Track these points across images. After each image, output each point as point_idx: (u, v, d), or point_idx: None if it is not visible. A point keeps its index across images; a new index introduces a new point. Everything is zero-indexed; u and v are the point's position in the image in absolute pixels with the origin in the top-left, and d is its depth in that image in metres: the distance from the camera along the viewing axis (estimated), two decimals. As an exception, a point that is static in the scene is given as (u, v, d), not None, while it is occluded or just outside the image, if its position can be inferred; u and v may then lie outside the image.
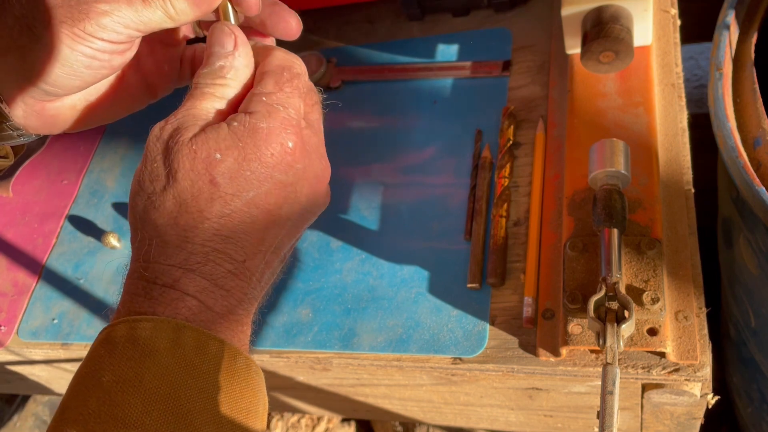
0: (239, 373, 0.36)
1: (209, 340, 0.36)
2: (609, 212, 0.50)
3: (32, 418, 1.19)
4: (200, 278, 0.36)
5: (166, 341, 0.35)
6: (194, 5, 0.38)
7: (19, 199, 0.83)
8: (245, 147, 0.36)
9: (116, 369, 0.34)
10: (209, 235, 0.36)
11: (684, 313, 0.50)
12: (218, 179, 0.36)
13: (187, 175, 0.36)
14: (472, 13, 0.78)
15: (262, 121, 0.37)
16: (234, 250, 0.37)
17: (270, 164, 0.37)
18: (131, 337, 0.35)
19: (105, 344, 0.36)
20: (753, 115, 0.58)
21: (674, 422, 0.59)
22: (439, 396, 0.66)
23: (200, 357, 0.35)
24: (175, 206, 0.36)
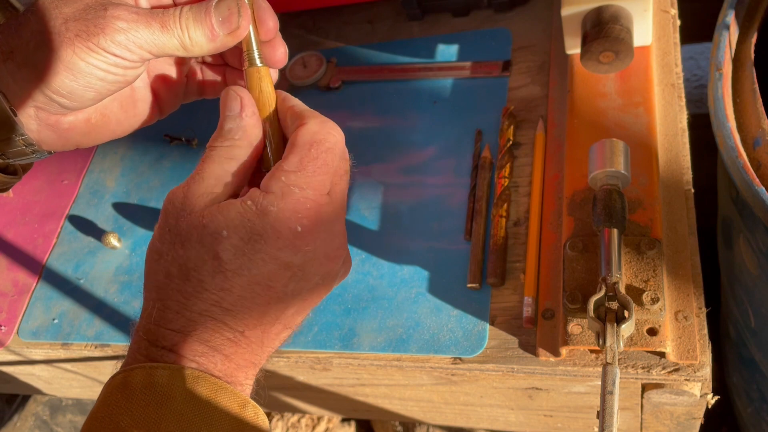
0: (247, 421, 0.37)
1: (220, 388, 0.36)
2: (609, 212, 0.50)
3: (32, 418, 1.19)
4: (198, 343, 0.37)
5: (182, 388, 0.36)
6: (210, 40, 0.39)
7: (20, 199, 0.83)
8: (253, 227, 0.37)
9: (134, 414, 0.35)
10: (208, 305, 0.37)
11: (684, 313, 0.50)
12: (222, 255, 0.37)
13: (193, 246, 0.37)
14: (472, 14, 0.78)
15: (273, 204, 0.37)
16: (233, 321, 0.38)
17: (276, 246, 0.37)
18: (149, 383, 0.36)
19: (122, 389, 0.36)
20: (753, 115, 0.58)
21: (674, 422, 0.59)
22: (439, 396, 0.66)
23: (213, 405, 0.36)
24: (179, 273, 0.37)
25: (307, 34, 0.85)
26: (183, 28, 0.39)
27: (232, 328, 0.38)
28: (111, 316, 0.68)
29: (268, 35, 0.42)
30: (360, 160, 0.71)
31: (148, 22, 0.38)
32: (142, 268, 0.72)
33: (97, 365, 0.71)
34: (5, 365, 0.78)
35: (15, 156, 0.41)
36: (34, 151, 0.41)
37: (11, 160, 0.42)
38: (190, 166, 0.77)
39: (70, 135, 0.42)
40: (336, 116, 0.77)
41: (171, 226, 0.38)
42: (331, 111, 0.78)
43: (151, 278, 0.39)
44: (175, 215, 0.39)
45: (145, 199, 0.76)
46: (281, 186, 0.37)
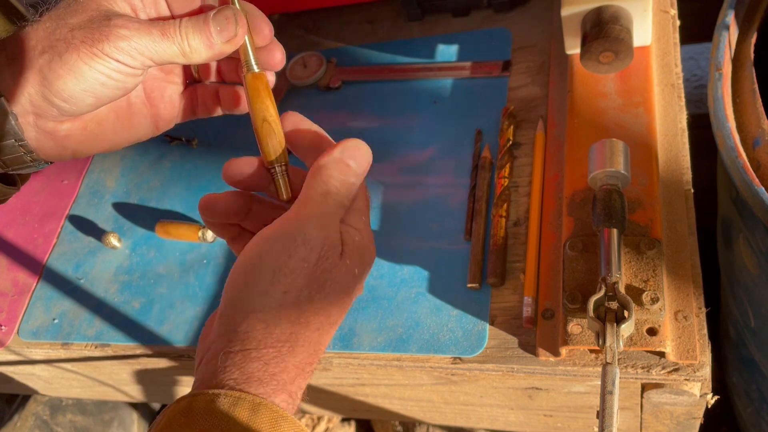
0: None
1: (281, 418, 0.38)
2: (609, 212, 0.50)
3: (32, 418, 1.19)
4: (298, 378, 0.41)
5: (244, 416, 0.36)
6: (208, 47, 0.41)
7: (20, 199, 0.83)
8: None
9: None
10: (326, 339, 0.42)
11: (683, 313, 0.50)
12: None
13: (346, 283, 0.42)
14: (472, 14, 0.78)
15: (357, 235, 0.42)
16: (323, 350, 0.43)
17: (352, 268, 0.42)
18: (210, 409, 0.37)
19: (186, 413, 0.37)
20: (752, 115, 0.58)
21: (674, 422, 0.59)
22: (439, 396, 0.66)
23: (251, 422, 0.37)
24: (322, 311, 0.41)
25: (307, 35, 0.85)
26: (183, 36, 0.40)
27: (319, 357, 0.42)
28: (111, 316, 0.68)
29: (264, 41, 0.44)
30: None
31: (149, 30, 0.40)
32: (142, 268, 0.73)
33: (97, 365, 0.71)
34: (5, 365, 0.78)
35: (14, 164, 0.42)
36: (33, 159, 0.42)
37: (10, 169, 0.43)
38: (190, 166, 0.77)
39: (67, 143, 0.43)
40: (336, 116, 0.77)
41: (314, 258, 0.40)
42: (331, 111, 0.78)
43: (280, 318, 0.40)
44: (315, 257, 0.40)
45: (145, 199, 0.76)
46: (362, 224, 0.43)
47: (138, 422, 1.20)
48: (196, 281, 0.68)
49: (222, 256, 0.69)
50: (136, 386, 0.78)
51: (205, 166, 0.77)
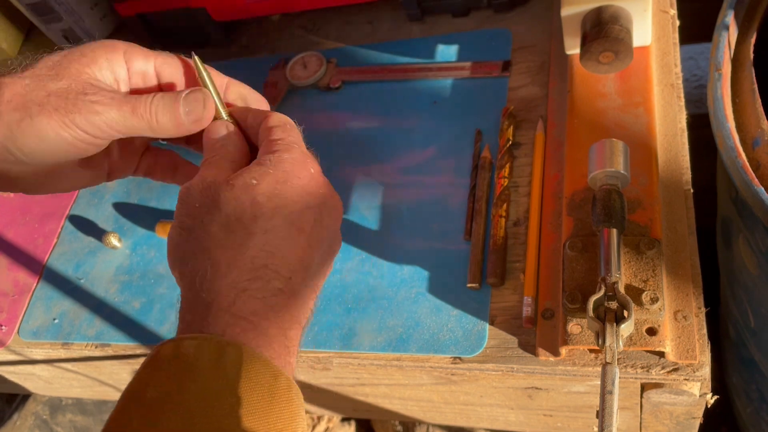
0: (279, 394, 0.37)
1: (251, 358, 0.37)
2: (608, 212, 0.50)
3: (32, 417, 1.19)
4: (252, 299, 0.38)
5: (209, 358, 0.36)
6: (176, 126, 0.43)
7: (20, 199, 0.83)
8: (276, 173, 0.40)
9: (159, 385, 0.36)
10: (256, 251, 0.39)
11: (683, 313, 0.50)
12: (258, 198, 0.39)
13: (228, 201, 0.39)
14: (471, 14, 0.78)
15: (284, 154, 0.42)
16: (280, 264, 0.39)
17: (300, 185, 0.41)
18: (176, 354, 0.37)
19: (152, 361, 0.38)
20: (752, 115, 0.58)
21: (673, 422, 0.59)
22: (439, 395, 0.66)
23: (241, 375, 0.36)
24: (222, 230, 0.39)
25: (307, 35, 0.85)
26: (152, 114, 0.43)
27: (280, 275, 0.39)
28: (111, 315, 0.68)
29: None
30: (360, 160, 0.71)
31: (121, 105, 0.42)
32: (142, 268, 0.73)
33: (97, 365, 0.71)
34: (6, 365, 0.78)
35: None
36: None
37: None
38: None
39: (17, 183, 0.44)
40: (336, 116, 0.78)
41: (198, 201, 0.41)
42: (331, 111, 0.78)
43: (193, 253, 0.40)
44: (200, 192, 0.41)
45: (146, 199, 0.76)
46: (281, 144, 0.42)
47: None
48: (197, 281, 0.68)
49: (222, 256, 0.69)
50: (136, 386, 0.78)
51: (205, 166, 0.77)
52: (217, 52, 0.89)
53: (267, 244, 0.39)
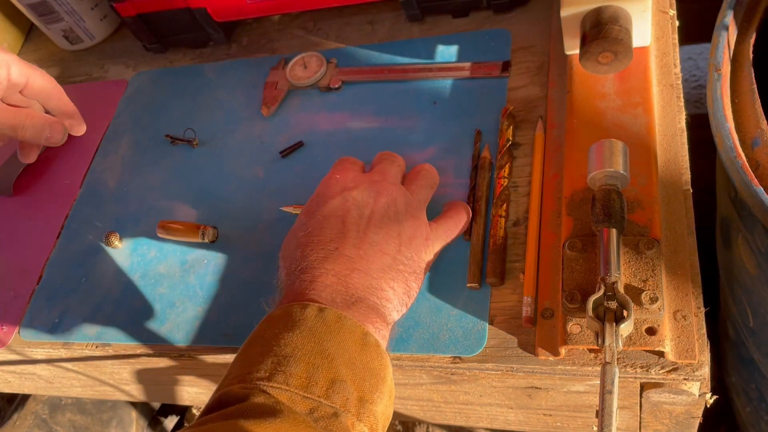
0: (370, 346, 0.47)
1: (345, 318, 0.47)
2: (608, 212, 0.50)
3: (32, 417, 1.19)
4: (329, 282, 0.50)
5: (313, 314, 0.47)
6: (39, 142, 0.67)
7: (21, 199, 0.83)
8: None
9: (274, 328, 0.47)
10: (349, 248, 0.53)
11: (682, 313, 0.51)
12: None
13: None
14: (471, 14, 0.78)
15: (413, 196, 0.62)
16: (363, 262, 0.53)
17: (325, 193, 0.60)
18: (285, 313, 0.48)
19: (266, 320, 0.49)
20: (751, 115, 0.58)
21: (673, 421, 0.59)
22: (439, 395, 0.66)
23: (338, 326, 0.47)
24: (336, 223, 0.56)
25: (307, 35, 0.85)
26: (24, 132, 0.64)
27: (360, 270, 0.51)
28: (112, 315, 0.68)
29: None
30: (360, 159, 0.71)
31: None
32: (143, 268, 0.73)
33: (98, 365, 0.71)
34: (6, 365, 0.78)
35: None
36: None
37: None
38: (191, 166, 0.77)
39: None
40: (336, 116, 0.78)
41: None
42: (331, 111, 0.78)
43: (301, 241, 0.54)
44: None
45: (147, 199, 0.77)
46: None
47: (137, 421, 1.21)
48: (197, 281, 0.68)
49: (223, 256, 0.69)
50: (136, 385, 0.78)
51: (205, 166, 0.77)
52: (217, 52, 0.89)
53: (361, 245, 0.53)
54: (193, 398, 0.85)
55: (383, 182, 0.58)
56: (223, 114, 0.81)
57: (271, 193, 0.72)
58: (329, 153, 0.73)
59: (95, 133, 0.86)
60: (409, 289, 0.53)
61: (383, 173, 0.60)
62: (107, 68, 0.95)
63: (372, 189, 0.56)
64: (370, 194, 0.56)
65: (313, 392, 0.43)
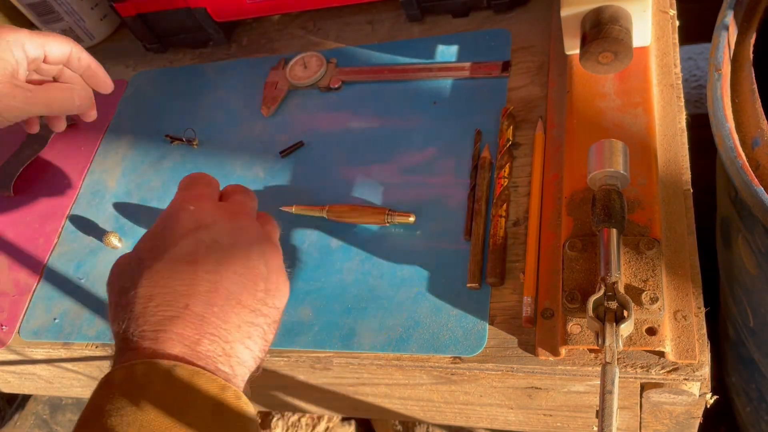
0: (229, 402, 0.40)
1: (197, 374, 0.40)
2: (608, 212, 0.50)
3: (32, 417, 1.19)
4: (171, 336, 0.41)
5: (160, 377, 0.39)
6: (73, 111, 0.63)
7: (21, 199, 0.83)
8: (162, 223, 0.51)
9: (115, 402, 0.38)
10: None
11: (683, 313, 0.51)
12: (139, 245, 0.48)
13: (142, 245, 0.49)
14: (471, 14, 0.78)
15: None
16: (182, 299, 0.44)
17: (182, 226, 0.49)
18: (128, 376, 0.39)
19: (105, 386, 0.40)
20: (751, 115, 0.58)
21: (673, 421, 0.59)
22: (439, 395, 0.66)
23: (191, 388, 0.39)
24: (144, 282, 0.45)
25: (307, 35, 0.85)
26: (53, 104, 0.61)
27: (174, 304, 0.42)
28: (112, 315, 0.68)
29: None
30: (360, 160, 0.71)
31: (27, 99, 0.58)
32: (142, 268, 0.72)
33: (98, 365, 0.71)
34: (6, 365, 0.78)
35: None
36: None
37: None
38: (191, 167, 0.77)
39: None
40: (336, 117, 0.78)
41: None
42: (331, 111, 0.78)
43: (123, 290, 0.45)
44: None
45: (146, 199, 0.77)
46: None
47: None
48: (197, 281, 0.68)
49: (222, 256, 0.69)
50: (136, 386, 0.78)
51: (205, 166, 0.77)
52: (217, 52, 0.89)
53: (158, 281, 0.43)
54: (193, 398, 0.85)
55: (242, 216, 0.49)
56: (223, 114, 0.81)
57: (271, 193, 0.72)
58: (329, 153, 0.73)
59: (95, 133, 0.86)
60: (266, 343, 0.46)
61: (242, 205, 0.51)
62: (107, 68, 0.94)
63: (233, 226, 0.47)
64: (231, 233, 0.46)
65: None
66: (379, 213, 0.64)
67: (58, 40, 0.62)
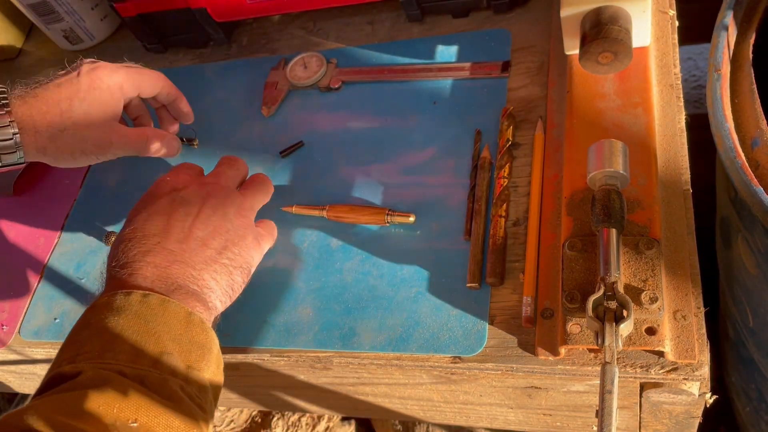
0: (195, 323, 0.50)
1: (168, 301, 0.50)
2: (607, 212, 0.50)
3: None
4: (145, 270, 0.52)
5: (137, 300, 0.49)
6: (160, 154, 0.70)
7: (21, 199, 0.83)
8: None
9: (99, 314, 0.49)
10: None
11: (682, 313, 0.51)
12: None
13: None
14: (471, 15, 0.78)
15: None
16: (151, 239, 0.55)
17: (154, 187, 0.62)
18: (109, 301, 0.49)
19: (90, 309, 0.50)
20: (751, 115, 0.58)
21: (672, 421, 0.59)
22: (439, 395, 0.66)
23: (163, 308, 0.49)
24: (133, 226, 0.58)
25: (307, 35, 0.85)
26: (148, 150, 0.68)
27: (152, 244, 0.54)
28: (112, 315, 0.68)
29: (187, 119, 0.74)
30: (360, 160, 0.71)
31: (131, 145, 0.66)
32: (143, 268, 0.72)
33: (98, 364, 0.71)
34: (7, 364, 0.78)
35: None
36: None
37: None
38: (191, 166, 0.77)
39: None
40: (336, 117, 0.78)
41: None
42: (331, 112, 0.78)
43: None
44: None
45: (146, 199, 0.77)
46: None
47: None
48: (197, 281, 0.68)
49: (222, 256, 0.69)
50: (136, 386, 0.78)
51: (205, 166, 0.77)
52: (217, 52, 0.89)
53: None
54: (193, 398, 0.85)
55: (215, 185, 0.59)
56: (223, 114, 0.81)
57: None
58: (329, 153, 0.73)
59: (95, 133, 0.86)
60: (233, 282, 0.56)
61: (217, 176, 0.62)
62: (107, 68, 0.94)
63: (202, 190, 0.58)
64: (199, 194, 0.57)
65: (142, 364, 0.46)
66: (379, 213, 0.64)
67: (153, 79, 0.66)
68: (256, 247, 0.59)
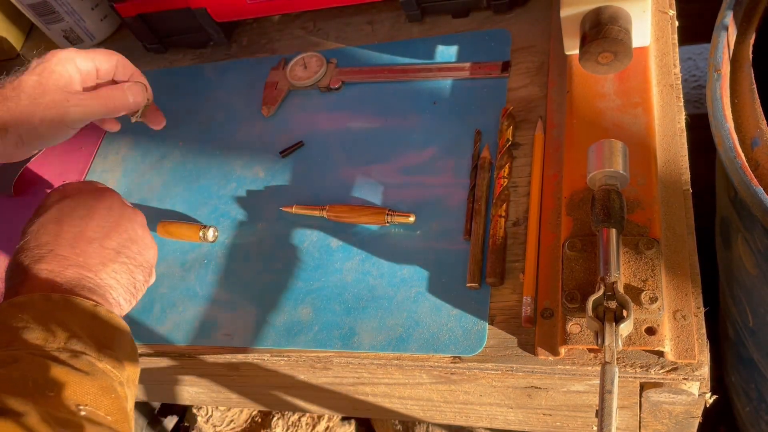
0: (102, 314, 0.50)
1: (71, 297, 0.50)
2: (607, 212, 0.50)
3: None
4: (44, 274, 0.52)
5: (39, 299, 0.49)
6: (128, 109, 0.67)
7: (21, 199, 0.83)
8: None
9: (3, 315, 0.48)
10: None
11: (682, 313, 0.51)
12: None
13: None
14: (471, 15, 0.78)
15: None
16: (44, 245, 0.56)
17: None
18: (9, 305, 0.49)
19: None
20: (751, 115, 0.58)
21: (672, 421, 0.59)
22: (439, 395, 0.66)
23: (66, 303, 0.50)
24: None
25: (307, 35, 0.85)
26: (114, 103, 0.65)
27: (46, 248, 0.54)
28: (112, 315, 0.68)
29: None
30: (360, 160, 0.71)
31: (94, 100, 0.63)
32: (142, 268, 0.72)
33: (98, 364, 0.71)
34: (7, 364, 0.78)
35: None
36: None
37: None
38: (191, 167, 0.78)
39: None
40: (336, 117, 0.78)
41: None
42: (331, 112, 0.78)
43: None
44: None
45: (146, 199, 0.77)
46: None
47: (137, 421, 1.20)
48: (197, 281, 0.68)
49: (223, 256, 0.69)
50: (136, 385, 0.78)
51: (205, 166, 0.77)
52: (217, 52, 0.89)
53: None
54: (193, 398, 0.85)
55: (105, 190, 0.61)
56: (223, 114, 0.81)
57: (271, 193, 0.72)
58: (329, 153, 0.73)
59: (95, 133, 0.86)
60: (135, 281, 0.57)
61: (105, 191, 0.62)
62: (107, 68, 0.94)
63: (92, 196, 0.59)
64: (90, 199, 0.59)
65: (52, 345, 0.46)
66: (378, 213, 0.65)
67: (104, 53, 0.66)
68: (154, 246, 0.60)
